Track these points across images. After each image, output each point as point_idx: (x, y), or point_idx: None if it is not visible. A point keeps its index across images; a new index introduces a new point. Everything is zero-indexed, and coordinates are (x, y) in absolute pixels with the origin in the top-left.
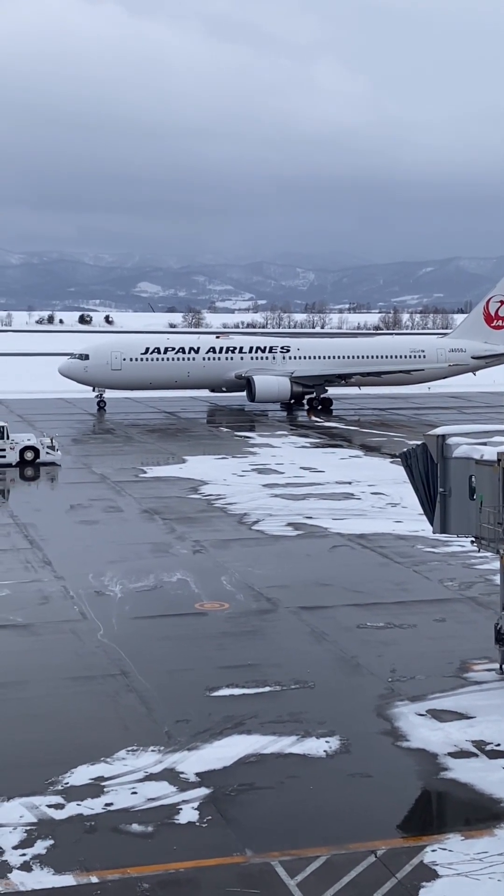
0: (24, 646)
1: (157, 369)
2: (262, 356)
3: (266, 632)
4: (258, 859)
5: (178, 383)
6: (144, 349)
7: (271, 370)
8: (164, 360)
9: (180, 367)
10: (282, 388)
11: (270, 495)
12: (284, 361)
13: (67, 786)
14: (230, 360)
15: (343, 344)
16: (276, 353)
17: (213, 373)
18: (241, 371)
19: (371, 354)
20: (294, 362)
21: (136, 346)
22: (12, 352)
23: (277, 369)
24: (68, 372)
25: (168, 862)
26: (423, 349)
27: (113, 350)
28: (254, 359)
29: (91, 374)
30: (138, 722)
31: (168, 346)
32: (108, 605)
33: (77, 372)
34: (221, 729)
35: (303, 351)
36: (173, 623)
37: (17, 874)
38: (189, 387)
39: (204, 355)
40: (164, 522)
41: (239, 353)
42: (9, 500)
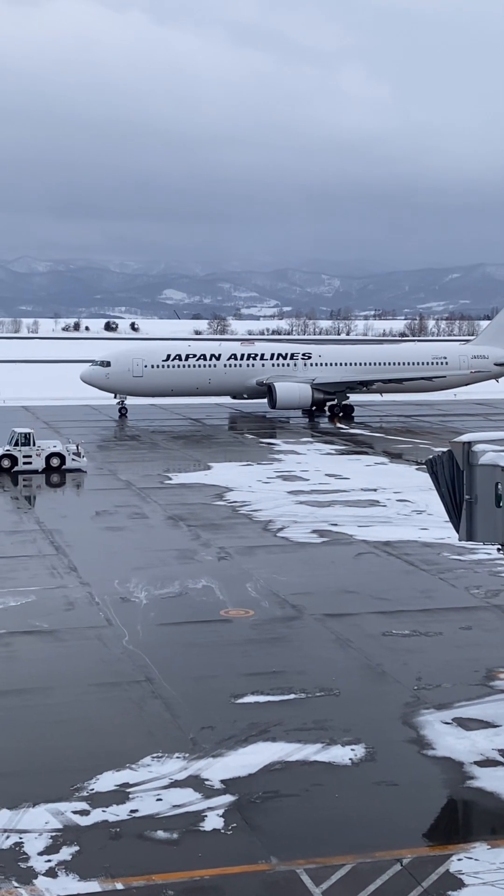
0: (49, 652)
1: (178, 376)
2: (284, 363)
3: (291, 639)
4: (283, 867)
5: (200, 390)
6: (166, 356)
7: (293, 377)
8: (186, 367)
9: (201, 374)
10: (303, 395)
11: (295, 502)
12: (306, 368)
13: (93, 792)
14: (251, 367)
15: (365, 351)
16: (298, 360)
17: (235, 379)
18: (262, 378)
19: (393, 361)
20: (315, 369)
21: (157, 353)
22: (38, 359)
23: (299, 376)
24: (90, 379)
25: (193, 869)
26: (445, 356)
27: (134, 357)
28: (275, 366)
29: (112, 381)
30: (163, 729)
31: (189, 352)
32: (133, 611)
33: (99, 379)
34: (246, 736)
35: (324, 358)
36: (198, 630)
37: (43, 880)
38: (210, 393)
39: (225, 362)
40: (190, 529)
41: (260, 359)
42: (35, 507)
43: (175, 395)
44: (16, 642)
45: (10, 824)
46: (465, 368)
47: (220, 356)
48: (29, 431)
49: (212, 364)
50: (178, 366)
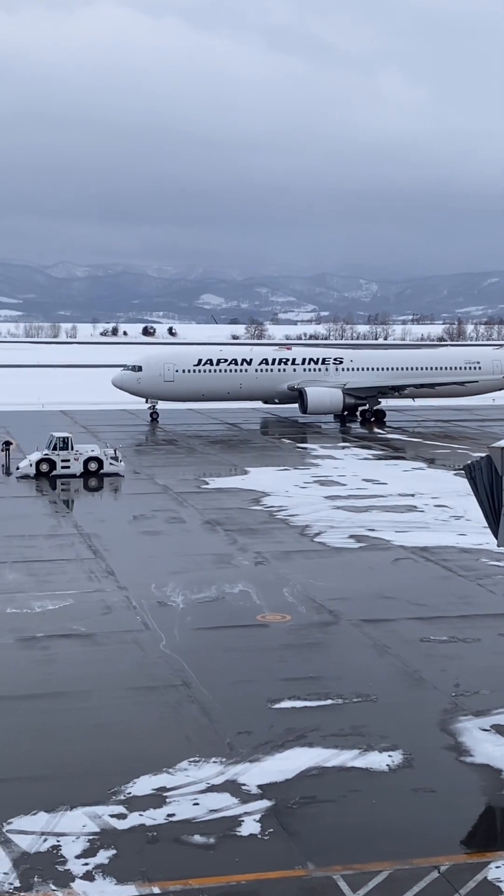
0: (87, 655)
1: (209, 381)
2: (315, 367)
3: (328, 644)
4: (320, 873)
5: (231, 395)
6: (197, 361)
7: (324, 382)
8: (217, 372)
9: (233, 379)
10: (334, 400)
11: (332, 507)
12: (337, 373)
13: (130, 796)
14: (283, 372)
15: (397, 355)
16: (329, 365)
17: (266, 384)
18: (293, 382)
19: (425, 366)
20: (347, 374)
21: (188, 358)
22: (77, 363)
23: (330, 381)
24: (121, 383)
25: (230, 874)
26: (478, 360)
27: (166, 362)
28: (306, 370)
29: (144, 386)
30: (200, 733)
31: (221, 357)
32: (170, 615)
33: (130, 383)
34: (283, 741)
35: (356, 362)
36: (235, 634)
37: (80, 883)
38: (241, 398)
39: (256, 367)
40: (226, 534)
41: (292, 364)
42: (73, 511)
43: (206, 399)
44: (54, 645)
45: (47, 827)
46: (499, 373)
47: (252, 361)
48: (67, 436)
49: (243, 369)
50: (209, 370)
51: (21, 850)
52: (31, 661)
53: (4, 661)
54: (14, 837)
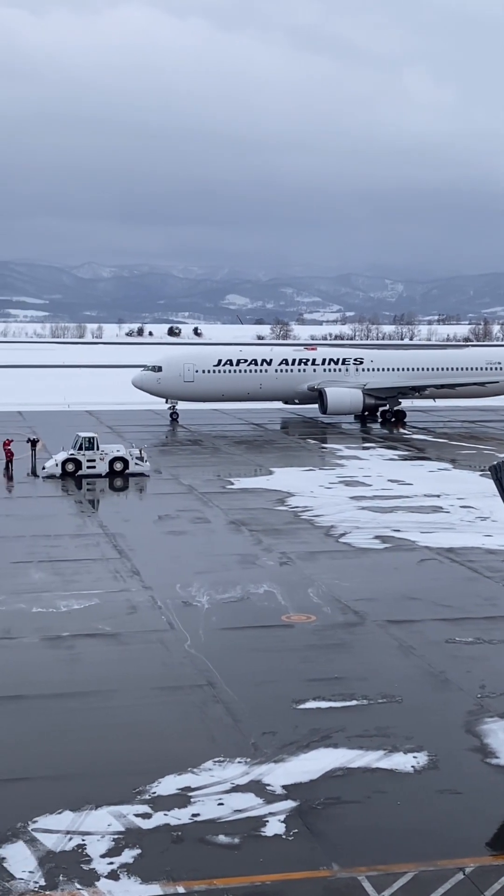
0: (112, 655)
1: (229, 381)
2: (335, 368)
3: (353, 645)
4: (345, 874)
5: (251, 395)
6: (217, 361)
7: (344, 382)
8: (237, 372)
9: (252, 379)
10: (354, 401)
11: (358, 507)
12: (358, 373)
13: (155, 795)
14: (303, 372)
15: (417, 356)
16: (350, 365)
17: (286, 384)
18: (313, 383)
19: (446, 366)
20: (367, 374)
21: (208, 358)
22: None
23: (350, 381)
24: (141, 384)
25: (255, 874)
26: (499, 361)
27: (185, 362)
28: (326, 370)
29: (164, 386)
30: (225, 733)
31: (240, 357)
32: (195, 615)
33: (150, 384)
34: (308, 742)
35: (376, 363)
36: (260, 635)
37: (105, 882)
38: (261, 398)
39: (276, 367)
40: (251, 534)
41: (312, 364)
42: (98, 510)
43: (226, 400)
44: (79, 645)
45: (72, 826)
46: None
47: (272, 361)
48: (93, 436)
49: (263, 369)
50: (229, 371)
51: (46, 848)
52: (56, 661)
53: (30, 661)
54: (39, 836)
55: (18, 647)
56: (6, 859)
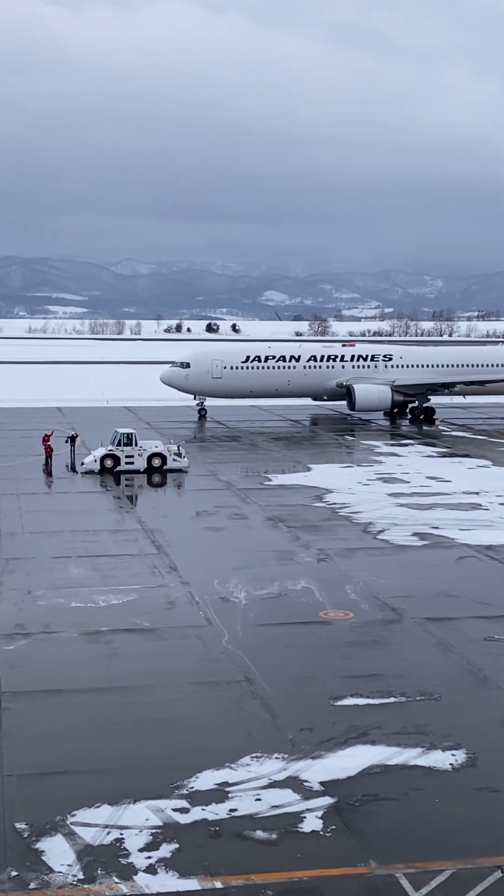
0: (150, 650)
1: (257, 377)
2: (364, 364)
3: (391, 642)
4: (382, 871)
5: (279, 391)
6: (245, 357)
7: (373, 379)
8: (265, 369)
9: (281, 376)
10: (382, 397)
11: (396, 504)
12: (387, 370)
13: (192, 790)
14: (331, 369)
15: (447, 352)
16: (379, 362)
17: (314, 381)
18: (342, 379)
19: (475, 363)
20: (396, 371)
21: (236, 355)
22: (141, 360)
23: (379, 378)
24: (169, 380)
25: (292, 870)
26: None
27: (214, 358)
28: (355, 367)
29: (192, 382)
30: (262, 729)
31: (269, 354)
32: (232, 611)
33: (178, 380)
34: (345, 738)
35: (406, 359)
36: (297, 631)
37: (143, 877)
38: (290, 395)
39: (305, 363)
40: (289, 530)
41: (340, 361)
42: (137, 506)
43: (254, 396)
44: (117, 640)
45: (111, 820)
46: None
47: (300, 357)
48: (131, 432)
49: (291, 365)
50: (257, 367)
51: (85, 842)
52: (95, 655)
53: (69, 655)
54: (78, 830)
55: (58, 641)
56: (45, 852)
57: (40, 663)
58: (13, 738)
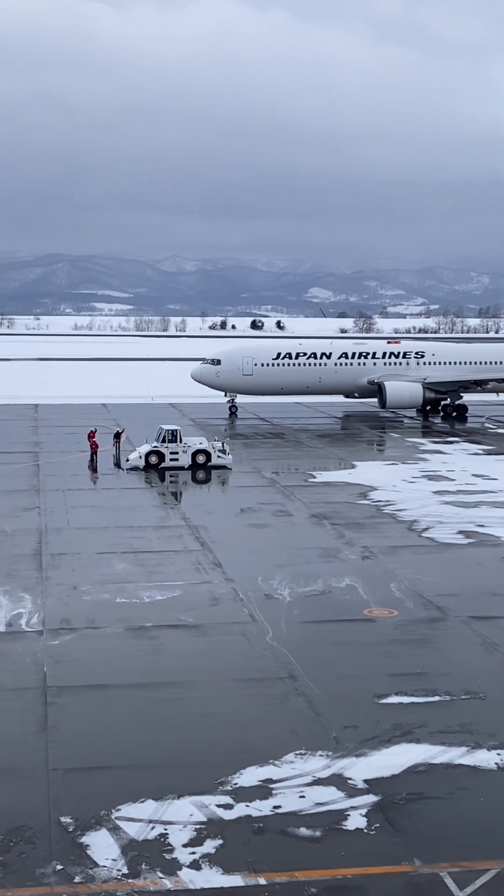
0: (194, 646)
1: (288, 374)
2: (396, 361)
3: (436, 640)
4: (427, 869)
5: (310, 388)
6: (276, 354)
7: (405, 376)
8: (296, 366)
9: (312, 373)
10: (413, 395)
11: (441, 502)
12: (418, 367)
13: (236, 786)
14: (363, 366)
15: (479, 349)
16: (410, 359)
17: (346, 378)
18: (373, 376)
19: None
20: (428, 368)
21: (267, 352)
22: (186, 356)
23: (411, 375)
24: (200, 377)
25: (336, 868)
26: None
27: (244, 355)
28: (387, 364)
29: (222, 379)
30: (306, 726)
31: (300, 351)
32: (276, 608)
33: (209, 377)
34: (390, 737)
35: (438, 356)
36: (341, 628)
37: (187, 872)
38: (321, 392)
39: (336, 360)
40: (333, 528)
41: (372, 358)
42: (181, 503)
43: (285, 393)
44: (162, 635)
45: (155, 815)
46: None
47: (331, 354)
48: (176, 428)
49: (322, 362)
50: (288, 364)
51: (129, 837)
52: (139, 651)
53: (114, 651)
54: (122, 824)
55: (102, 636)
56: (90, 846)
57: (85, 658)
58: (58, 733)
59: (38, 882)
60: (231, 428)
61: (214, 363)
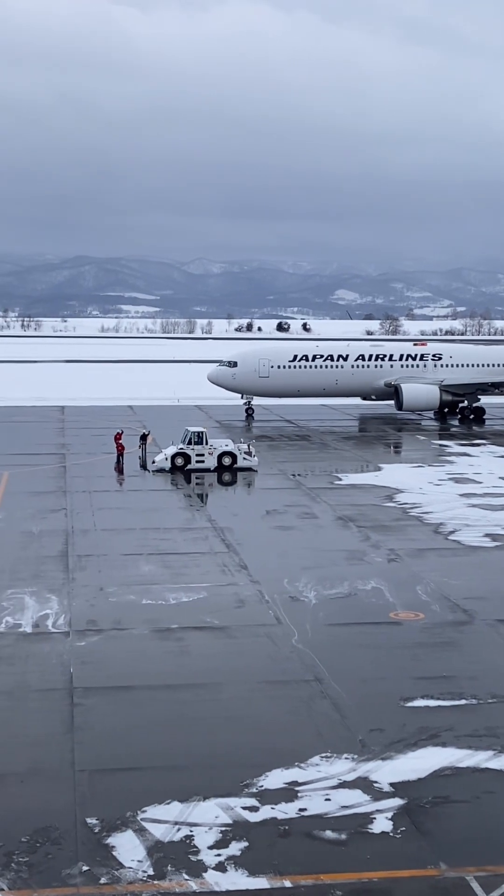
0: (220, 648)
1: (304, 377)
2: (413, 364)
3: (462, 644)
4: (452, 873)
5: (326, 391)
6: (292, 356)
7: (422, 378)
8: (313, 368)
9: (328, 375)
10: (430, 397)
11: (467, 505)
12: (436, 369)
13: (262, 789)
14: (379, 368)
15: (497, 351)
16: (428, 361)
17: (362, 380)
18: (390, 379)
19: None
20: (445, 370)
21: (284, 354)
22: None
23: (428, 377)
24: (216, 379)
25: (361, 871)
26: None
27: (261, 357)
28: (404, 366)
29: (239, 382)
30: (332, 729)
31: (316, 353)
32: (302, 610)
33: (225, 379)
34: (416, 740)
35: (455, 359)
36: (367, 631)
37: (212, 874)
38: (337, 394)
39: (353, 363)
40: (359, 530)
41: (389, 360)
42: (207, 504)
43: (301, 395)
44: (188, 637)
45: (180, 817)
46: None
47: (348, 357)
48: (202, 430)
49: (339, 365)
50: (304, 366)
51: (155, 838)
52: (165, 653)
53: (140, 652)
54: (148, 826)
55: (129, 638)
56: (116, 848)
57: (112, 659)
58: (85, 734)
59: (65, 883)
60: (248, 430)
61: (231, 365)
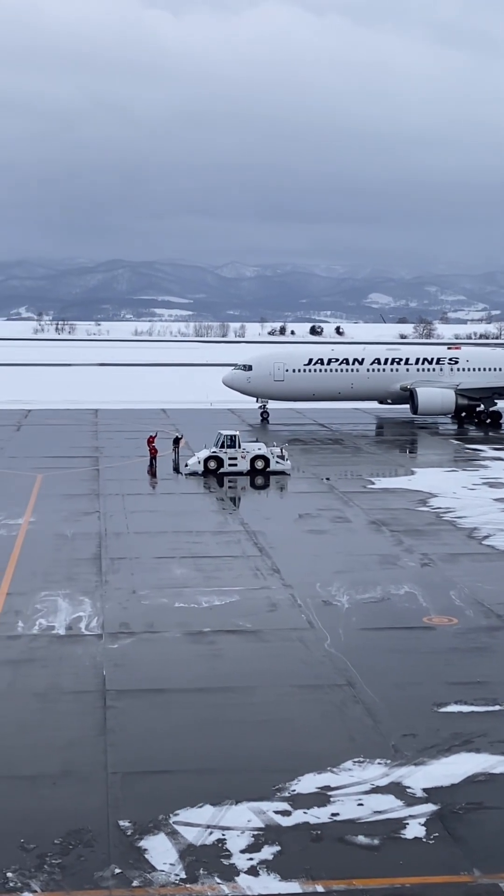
0: (252, 652)
1: (320, 380)
2: (429, 367)
3: (496, 649)
4: (486, 880)
5: (342, 394)
6: (308, 360)
7: (438, 382)
8: (328, 371)
9: (344, 379)
10: (445, 401)
11: (502, 510)
12: (452, 373)
13: (294, 793)
14: (395, 372)
15: None
16: (444, 365)
17: (378, 384)
18: (406, 382)
19: None
20: (462, 374)
21: (299, 357)
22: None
23: (444, 381)
24: (231, 382)
25: (394, 876)
26: None
27: (276, 361)
28: (420, 370)
29: (254, 385)
30: (364, 733)
31: (332, 357)
32: (335, 615)
33: (240, 383)
34: (449, 745)
35: (472, 362)
36: (400, 636)
37: (245, 878)
38: (353, 398)
39: (368, 366)
40: (392, 534)
41: (405, 364)
42: (239, 508)
43: (316, 399)
44: (220, 641)
45: (213, 821)
46: None
47: (364, 360)
48: (234, 434)
49: (354, 368)
50: (320, 370)
51: (187, 842)
52: (198, 656)
53: (173, 655)
54: (181, 829)
55: (161, 641)
56: (148, 851)
57: (144, 662)
58: (117, 736)
59: (97, 885)
60: (264, 434)
61: (246, 369)
